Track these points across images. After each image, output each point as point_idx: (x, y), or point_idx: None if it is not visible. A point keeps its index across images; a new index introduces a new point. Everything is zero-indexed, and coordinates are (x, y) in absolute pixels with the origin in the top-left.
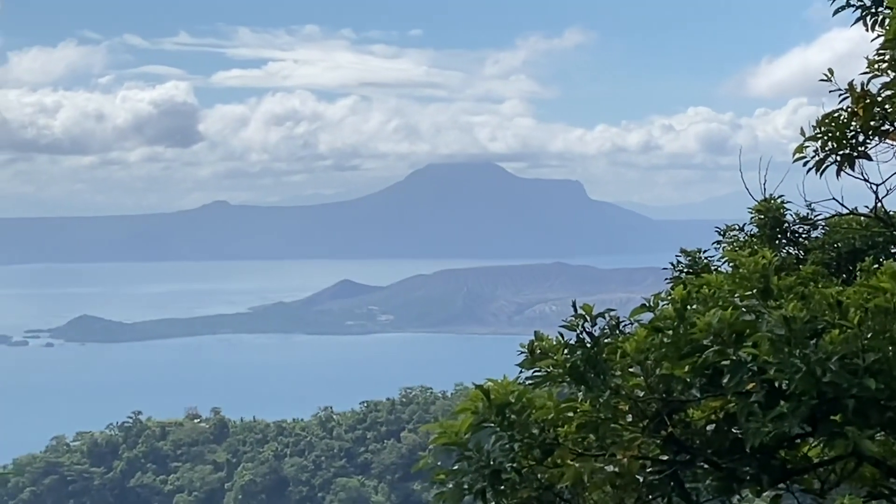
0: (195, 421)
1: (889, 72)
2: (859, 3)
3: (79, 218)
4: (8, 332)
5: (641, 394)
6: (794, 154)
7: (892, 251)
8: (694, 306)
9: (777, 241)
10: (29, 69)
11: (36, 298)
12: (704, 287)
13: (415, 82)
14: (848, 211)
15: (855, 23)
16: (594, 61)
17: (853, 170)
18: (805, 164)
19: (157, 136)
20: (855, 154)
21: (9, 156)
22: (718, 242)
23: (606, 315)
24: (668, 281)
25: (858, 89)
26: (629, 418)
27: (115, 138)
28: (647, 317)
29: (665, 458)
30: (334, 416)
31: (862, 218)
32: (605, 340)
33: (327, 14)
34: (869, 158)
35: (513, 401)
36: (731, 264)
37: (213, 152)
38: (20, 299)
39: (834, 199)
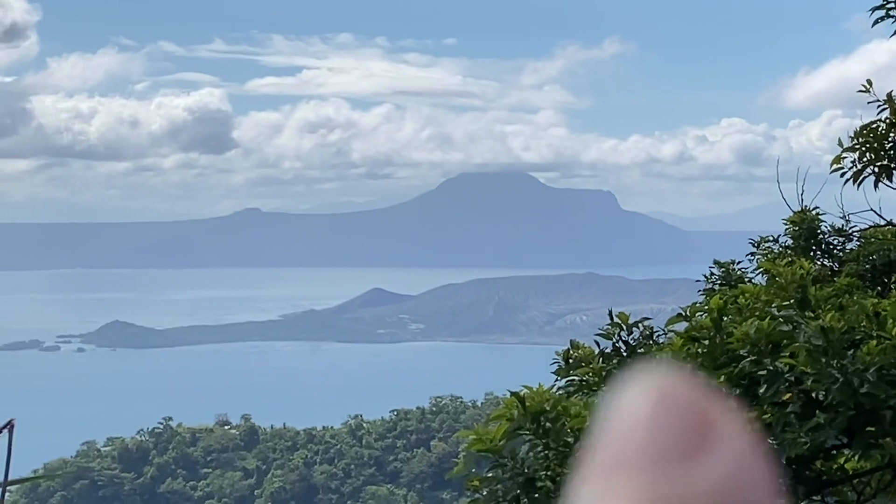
0: (225, 427)
1: None
2: None
3: (111, 224)
4: (40, 337)
5: None
6: (831, 165)
7: None
8: (730, 316)
9: (812, 253)
10: (68, 75)
11: (68, 303)
12: (741, 297)
13: (449, 91)
14: (885, 222)
15: (895, 34)
16: (631, 72)
17: (891, 181)
18: (842, 175)
19: (192, 143)
20: (893, 165)
21: (44, 161)
22: (753, 254)
23: (641, 324)
24: (701, 292)
25: None
26: None
27: (149, 144)
28: (682, 326)
29: None
30: (364, 424)
31: None
32: (640, 350)
33: (361, 22)
34: None
35: (548, 409)
36: (766, 275)
37: (246, 159)
38: (52, 304)
39: (872, 210)
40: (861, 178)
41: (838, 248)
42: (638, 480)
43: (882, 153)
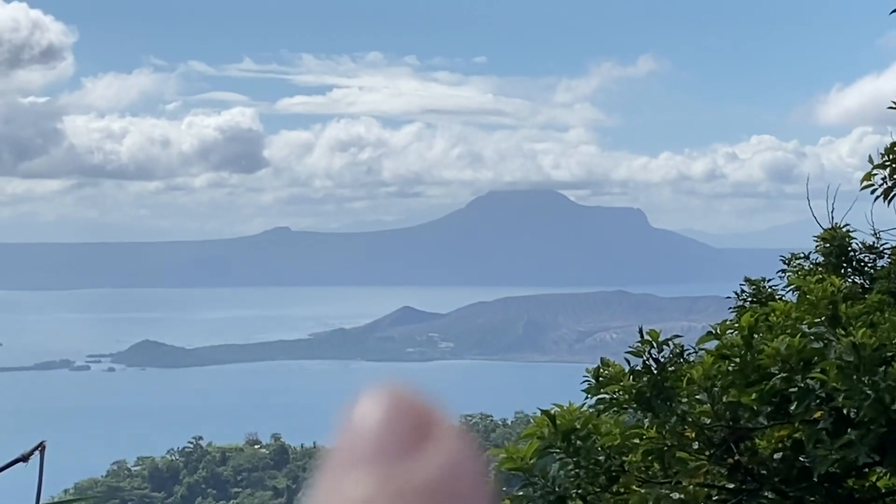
0: (255, 447)
1: None
2: None
3: (142, 243)
4: (70, 357)
5: (708, 421)
6: (861, 182)
7: None
8: (760, 334)
9: (843, 270)
10: (103, 95)
11: (98, 323)
12: (772, 314)
13: (479, 109)
14: None
15: None
16: (664, 89)
17: None
18: (873, 193)
19: (223, 162)
20: None
21: (75, 181)
22: (783, 271)
23: (671, 342)
24: (731, 310)
25: None
26: (696, 445)
27: (180, 164)
28: (712, 344)
29: (731, 486)
30: None
31: None
32: (671, 367)
33: (391, 41)
34: None
35: (579, 427)
36: (797, 292)
37: (277, 178)
38: (83, 324)
39: None
40: (892, 196)
41: (869, 265)
42: (368, 472)
43: None
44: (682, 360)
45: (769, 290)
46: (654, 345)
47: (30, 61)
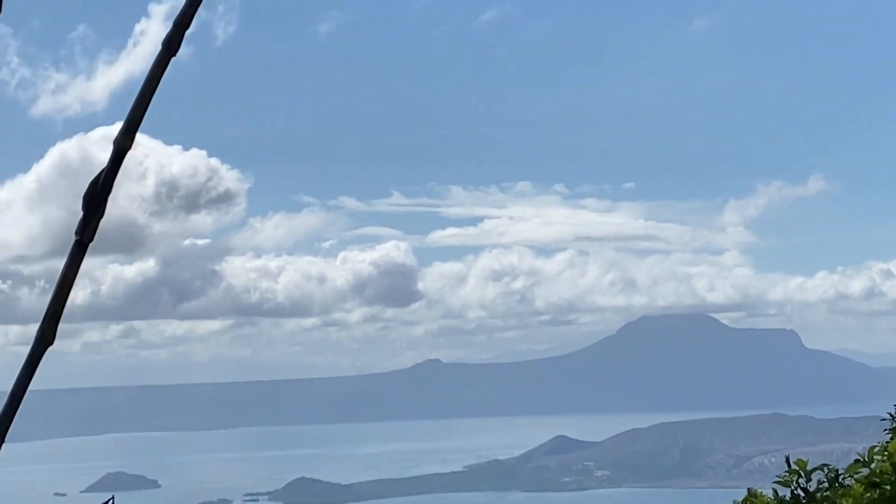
0: None
1: None
2: None
3: (295, 380)
4: (228, 496)
5: None
6: None
7: None
8: None
9: None
10: (270, 237)
11: (255, 461)
12: None
13: (631, 235)
14: None
15: None
16: (830, 208)
17: None
18: None
19: (377, 297)
20: None
21: (232, 321)
22: None
23: (823, 469)
24: (887, 431)
25: None
26: None
27: (335, 300)
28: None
29: None
30: None
31: None
32: (824, 494)
33: (539, 170)
34: None
35: None
36: None
37: (431, 310)
38: (240, 462)
39: None
40: None
41: None
42: None
43: None
44: (837, 484)
45: None
46: (802, 474)
47: (206, 205)
